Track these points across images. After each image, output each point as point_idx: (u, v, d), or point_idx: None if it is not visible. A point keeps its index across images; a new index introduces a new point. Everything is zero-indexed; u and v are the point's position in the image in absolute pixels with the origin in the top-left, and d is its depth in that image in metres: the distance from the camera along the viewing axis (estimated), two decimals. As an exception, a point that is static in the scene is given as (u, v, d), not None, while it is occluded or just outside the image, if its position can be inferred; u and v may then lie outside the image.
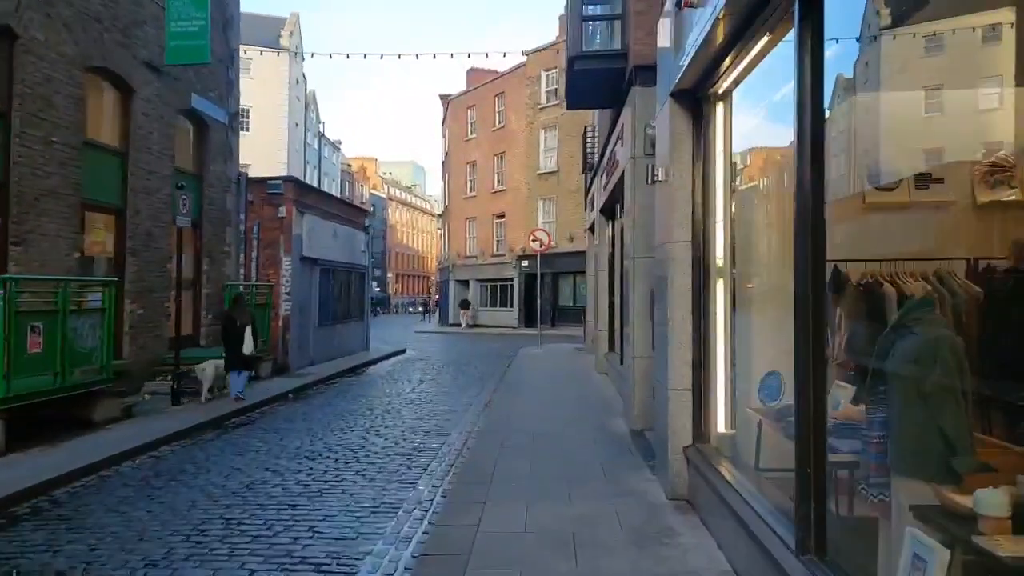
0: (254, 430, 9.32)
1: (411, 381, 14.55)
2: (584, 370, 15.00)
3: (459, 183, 39.45)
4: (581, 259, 30.73)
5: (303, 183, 15.77)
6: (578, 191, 30.74)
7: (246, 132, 39.30)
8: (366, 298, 20.97)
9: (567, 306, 32.80)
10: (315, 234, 16.18)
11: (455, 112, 39.95)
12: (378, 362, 18.77)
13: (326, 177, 60.33)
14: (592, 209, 16.43)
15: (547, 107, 33.24)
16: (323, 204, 17.10)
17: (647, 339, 8.29)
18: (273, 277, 15.04)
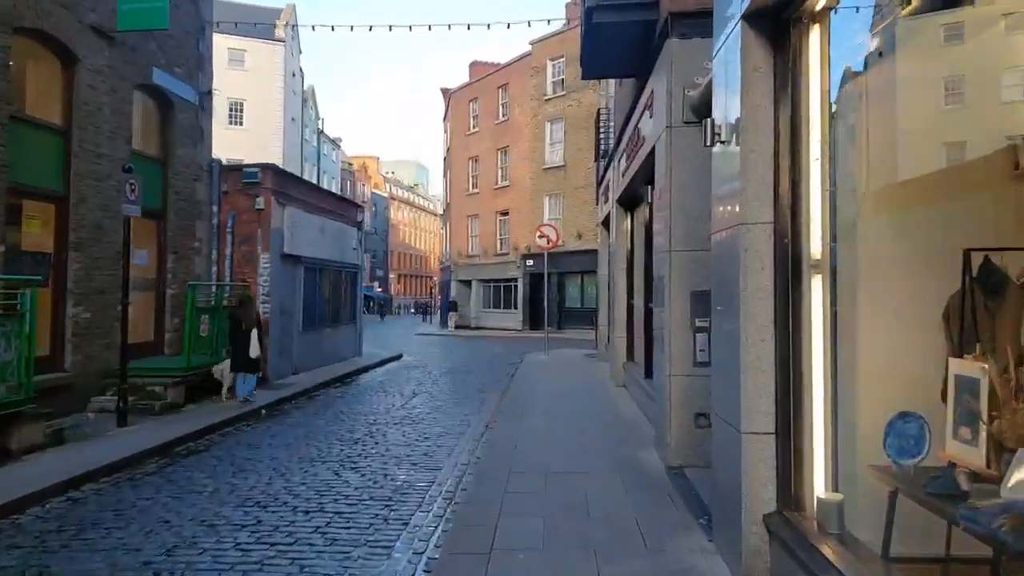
0: (206, 460, 7.71)
1: (403, 393, 12.93)
2: (599, 381, 13.36)
3: (461, 179, 37.86)
4: (590, 258, 29.13)
5: (284, 171, 14.20)
6: (586, 186, 29.14)
7: (240, 126, 37.89)
8: (358, 300, 19.36)
9: (574, 308, 31.17)
10: (299, 229, 14.58)
11: (457, 105, 38.37)
12: (370, 370, 17.16)
13: (325, 175, 58.82)
14: (606, 201, 14.80)
15: (553, 98, 31.62)
16: (309, 196, 15.50)
17: (687, 353, 6.67)
18: (250, 276, 13.44)
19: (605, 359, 16.41)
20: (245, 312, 10.82)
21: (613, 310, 13.01)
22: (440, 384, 14.25)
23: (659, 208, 7.24)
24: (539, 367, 16.17)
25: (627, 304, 12.34)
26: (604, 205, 15.40)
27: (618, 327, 12.46)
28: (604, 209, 15.43)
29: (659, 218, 7.28)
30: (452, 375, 15.82)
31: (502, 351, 22.57)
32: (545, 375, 14.48)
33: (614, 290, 12.83)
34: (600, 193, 16.47)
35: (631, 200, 12.01)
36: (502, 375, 15.51)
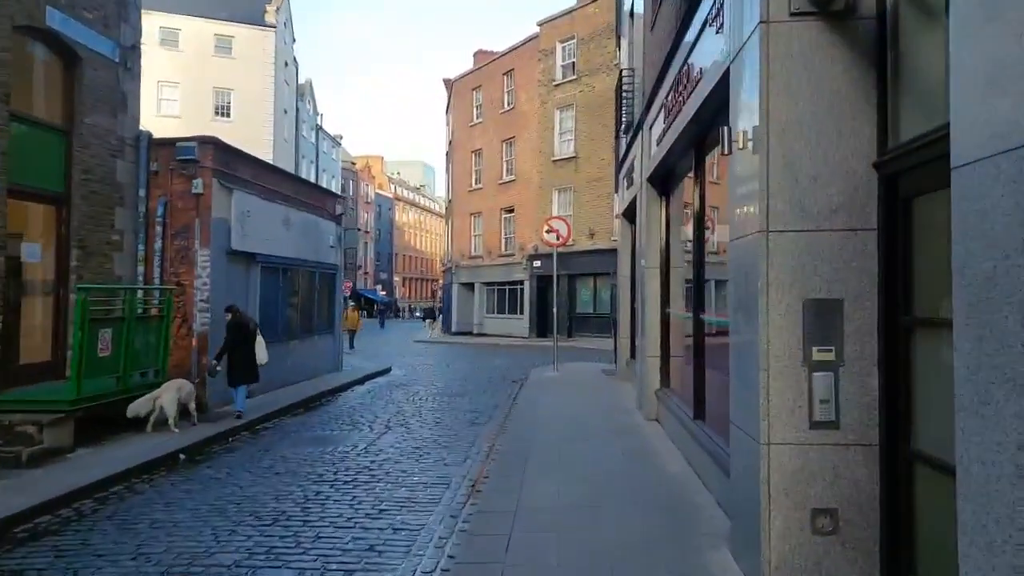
0: (37, 554, 5.01)
1: (375, 425, 10.20)
2: (622, 411, 10.58)
3: (463, 174, 35.17)
4: (604, 259, 26.35)
5: (231, 147, 11.50)
6: (600, 179, 26.41)
7: (227, 118, 35.39)
8: (337, 306, 16.66)
9: (586, 314, 28.36)
10: (253, 220, 11.91)
11: (459, 95, 35.70)
12: (347, 389, 14.46)
13: (325, 173, 56.38)
14: (630, 185, 12.04)
15: (563, 83, 28.87)
16: (267, 180, 12.80)
17: (797, 405, 3.93)
18: (186, 277, 10.77)
19: (627, 378, 13.64)
20: (245, 317, 10.30)
21: (641, 320, 10.27)
22: (424, 411, 11.51)
23: (738, 166, 4.49)
24: (547, 387, 13.40)
25: (661, 314, 9.58)
26: (627, 190, 12.64)
27: (649, 343, 9.69)
28: (627, 195, 12.66)
29: (738, 182, 4.52)
30: (442, 398, 13.08)
31: (505, 363, 19.81)
32: (554, 400, 11.72)
33: (643, 295, 10.10)
34: (622, 177, 13.70)
35: (668, 177, 9.25)
36: (502, 398, 12.77)
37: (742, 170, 4.39)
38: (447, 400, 12.69)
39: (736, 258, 4.54)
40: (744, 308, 4.30)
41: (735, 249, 4.56)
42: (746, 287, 4.25)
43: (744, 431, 4.24)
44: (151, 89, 32.12)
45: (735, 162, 4.56)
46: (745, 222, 4.31)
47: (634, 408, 10.58)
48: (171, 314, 10.05)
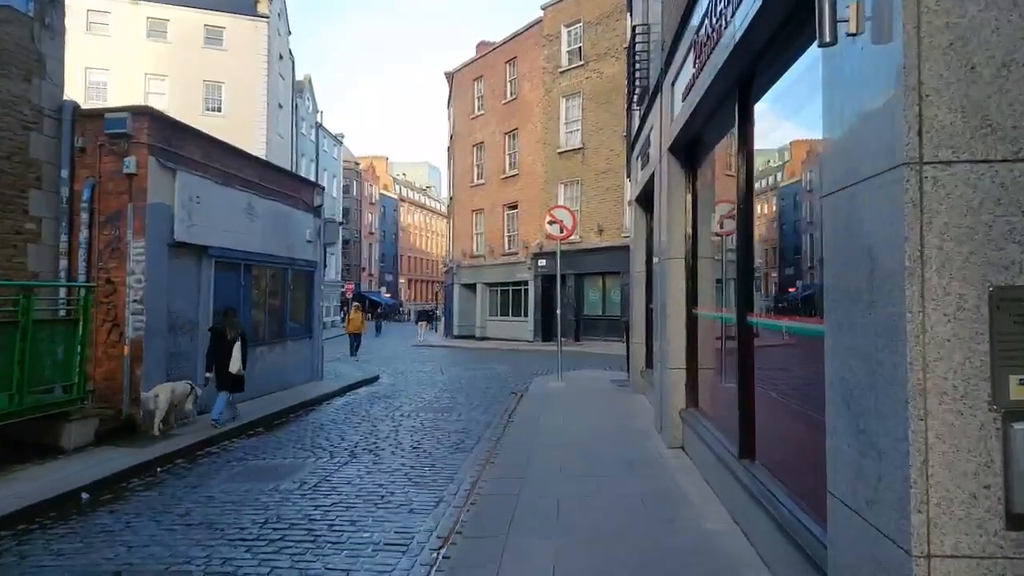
0: None
1: (337, 452, 8.43)
2: (639, 434, 8.77)
3: (464, 170, 33.41)
4: (613, 256, 24.51)
5: (173, 120, 9.78)
6: (609, 171, 24.63)
7: (217, 113, 33.74)
8: (315, 307, 14.92)
9: (595, 316, 26.51)
10: (205, 207, 10.19)
11: (460, 87, 33.97)
12: (323, 402, 12.73)
13: (325, 172, 54.81)
14: (645, 163, 10.24)
15: (569, 70, 27.06)
16: (225, 162, 11.07)
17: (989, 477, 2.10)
18: (117, 273, 9.06)
19: (641, 389, 11.83)
20: (230, 323, 9.80)
21: (660, 323, 8.44)
22: (403, 432, 9.73)
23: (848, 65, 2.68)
24: (549, 401, 11.60)
25: (686, 316, 7.76)
26: (642, 171, 10.83)
27: (671, 352, 7.86)
28: (641, 177, 10.85)
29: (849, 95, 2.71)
30: (426, 414, 11.30)
31: (505, 371, 18.02)
32: (557, 419, 9.91)
33: (662, 293, 8.29)
34: (635, 157, 11.90)
35: (695, 144, 7.46)
36: (496, 414, 10.99)
37: (858, 70, 2.58)
38: (432, 417, 10.90)
39: (842, 221, 2.73)
40: (863, 305, 2.49)
41: (839, 207, 2.75)
42: (869, 269, 2.44)
43: (870, 523, 2.43)
44: (139, 82, 30.63)
45: (838, 64, 2.75)
46: (864, 156, 2.50)
47: (652, 430, 8.76)
48: (89, 317, 8.32)
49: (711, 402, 7.07)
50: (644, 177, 10.49)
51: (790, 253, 4.98)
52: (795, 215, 4.96)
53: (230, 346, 9.65)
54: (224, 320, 9.92)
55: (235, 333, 9.76)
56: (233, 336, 9.72)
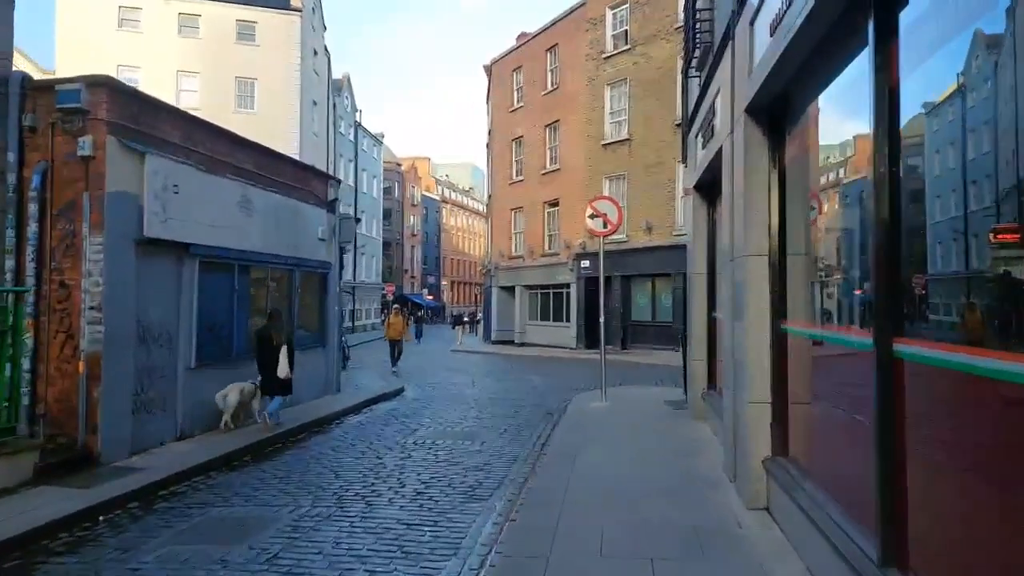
0: None
1: (323, 496, 6.75)
2: (704, 487, 6.86)
3: (503, 166, 31.71)
4: (663, 257, 22.45)
5: (139, 94, 8.28)
6: (658, 164, 22.60)
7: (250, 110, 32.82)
8: (329, 313, 13.38)
9: (643, 323, 24.42)
10: (186, 198, 8.70)
11: (499, 79, 32.30)
12: (332, 421, 11.16)
13: (365, 173, 54.08)
14: (708, 140, 8.30)
15: (614, 55, 25.07)
16: (211, 147, 9.54)
17: None
18: (72, 275, 7.61)
19: (702, 415, 9.88)
20: (275, 327, 9.87)
21: (734, 340, 6.46)
22: (409, 468, 8.00)
23: None
24: (591, 428, 9.74)
25: (771, 333, 5.82)
26: (702, 151, 8.89)
27: (751, 380, 5.91)
28: (702, 159, 8.90)
29: None
30: (444, 441, 9.58)
31: (543, 384, 16.20)
32: (598, 456, 8.06)
33: (735, 301, 6.35)
34: (693, 135, 9.95)
35: (785, 102, 5.54)
36: (525, 443, 9.21)
37: None
38: (450, 446, 9.17)
39: None
40: None
41: None
42: None
43: None
44: (170, 80, 29.93)
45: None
46: None
47: (722, 476, 6.84)
48: (21, 328, 6.86)
49: (812, 452, 5.14)
50: (706, 157, 8.56)
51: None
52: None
53: (276, 351, 9.65)
54: (269, 324, 9.91)
55: (281, 338, 9.76)
56: (279, 341, 9.71)
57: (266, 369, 9.71)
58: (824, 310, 5.12)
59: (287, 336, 9.94)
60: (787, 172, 5.80)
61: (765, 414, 5.87)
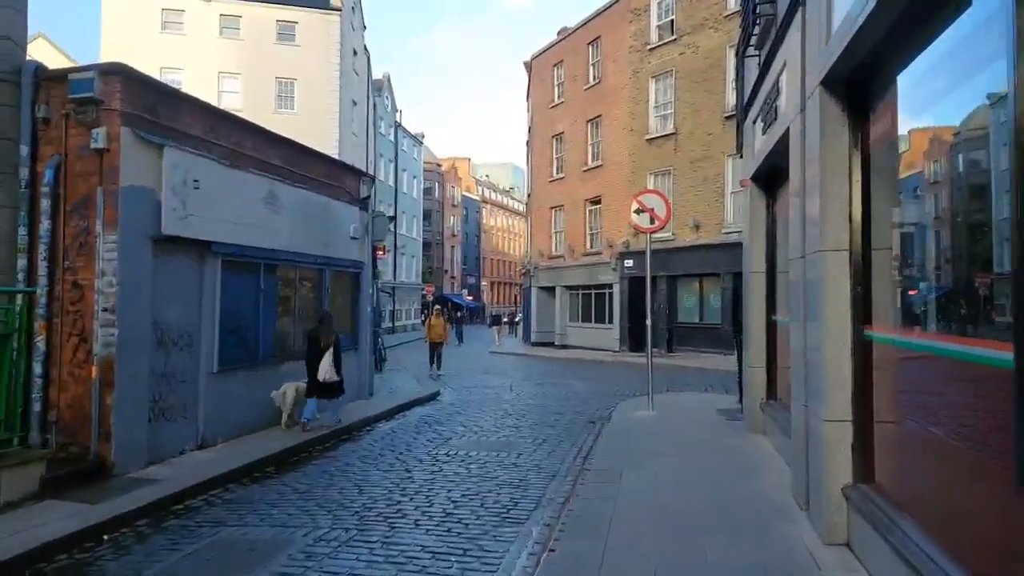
0: None
1: (344, 517, 6.16)
2: (773, 517, 6.05)
3: (543, 164, 31.00)
4: (712, 256, 21.40)
5: (157, 83, 7.86)
6: (706, 159, 21.62)
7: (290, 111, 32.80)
8: (361, 314, 12.89)
9: (690, 325, 23.41)
10: (208, 194, 8.26)
11: (539, 74, 31.60)
12: (363, 428, 10.65)
13: (405, 173, 54.03)
14: (769, 125, 7.46)
15: (659, 46, 24.12)
16: (236, 140, 9.09)
17: None
18: (85, 274, 7.22)
19: (761, 428, 9.01)
20: (325, 329, 9.91)
21: (805, 349, 5.62)
22: (439, 485, 7.36)
23: None
24: (637, 441, 8.97)
25: (852, 341, 4.98)
26: (762, 136, 8.03)
27: (828, 395, 5.08)
28: (761, 146, 8.04)
29: None
30: (479, 453, 8.93)
31: (585, 389, 15.44)
32: (647, 475, 7.30)
33: (805, 304, 5.52)
34: (750, 121, 9.07)
35: (873, 71, 4.70)
36: (565, 456, 8.50)
37: None
38: (484, 458, 8.52)
39: None
40: None
41: None
42: None
43: None
44: (212, 81, 30.11)
45: None
46: None
47: (789, 502, 6.01)
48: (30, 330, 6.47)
49: (905, 481, 4.32)
50: (767, 144, 7.71)
51: None
52: None
53: (320, 354, 9.65)
54: (318, 327, 9.99)
55: (330, 340, 9.78)
56: (327, 343, 9.72)
57: (312, 371, 9.72)
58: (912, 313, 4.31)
59: (335, 338, 9.89)
60: (872, 154, 4.97)
61: (845, 434, 5.04)
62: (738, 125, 10.88)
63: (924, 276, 4.24)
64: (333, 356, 9.74)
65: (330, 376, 9.72)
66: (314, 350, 9.72)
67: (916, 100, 4.35)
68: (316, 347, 9.70)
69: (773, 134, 7.35)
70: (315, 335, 9.85)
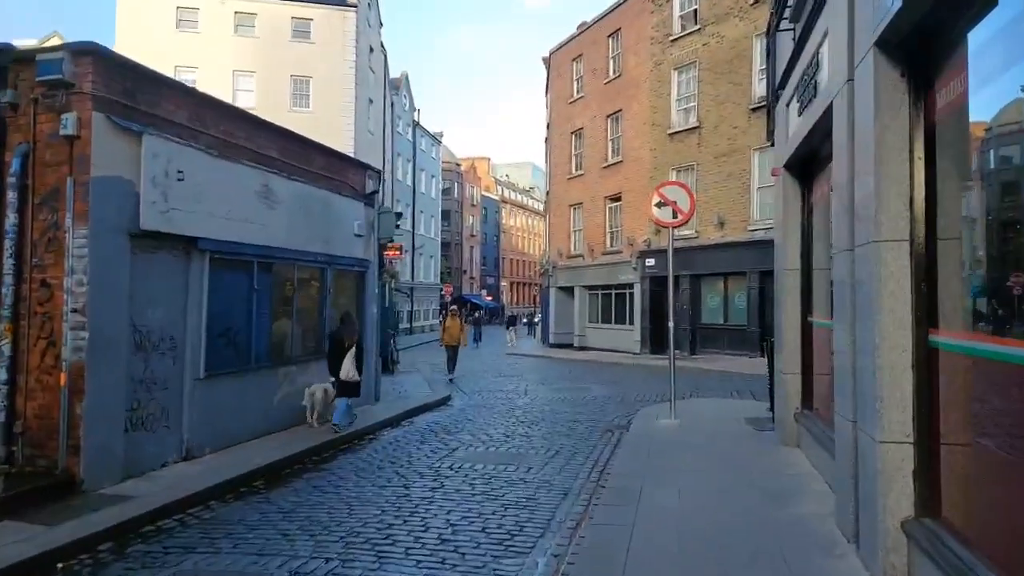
0: None
1: (327, 544, 5.48)
2: (815, 551, 5.27)
3: (562, 161, 30.22)
4: (737, 254, 20.47)
5: (134, 64, 7.24)
6: (731, 153, 20.76)
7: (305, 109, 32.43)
8: (367, 316, 12.26)
9: (714, 326, 22.49)
10: (194, 186, 7.67)
11: (558, 69, 30.82)
12: (365, 436, 10.01)
13: (423, 173, 53.58)
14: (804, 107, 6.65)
15: (682, 37, 23.23)
16: (223, 129, 8.46)
17: None
18: (55, 273, 6.65)
19: (793, 441, 8.20)
20: (347, 330, 9.92)
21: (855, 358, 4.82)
22: (438, 500, 6.69)
23: None
24: (658, 456, 8.21)
25: (914, 350, 4.20)
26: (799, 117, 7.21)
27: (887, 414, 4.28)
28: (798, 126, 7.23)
29: None
30: (484, 465, 8.23)
31: (603, 394, 14.67)
32: (670, 499, 6.55)
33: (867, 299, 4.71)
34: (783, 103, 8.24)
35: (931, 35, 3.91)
36: (579, 471, 7.77)
37: None
38: (490, 472, 7.81)
39: None
40: None
41: None
42: None
43: None
44: (227, 79, 29.79)
45: None
46: None
47: (835, 534, 5.22)
48: (-16, 335, 5.91)
49: (983, 517, 3.53)
50: (804, 125, 6.92)
51: None
52: None
53: (345, 352, 9.67)
54: (341, 327, 10.01)
55: (352, 340, 9.81)
56: (350, 343, 9.74)
57: (336, 371, 9.78)
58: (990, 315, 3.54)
59: (358, 338, 9.96)
60: (938, 127, 4.19)
61: (905, 459, 4.26)
62: (768, 111, 10.06)
63: (1004, 271, 3.46)
64: (356, 355, 9.77)
65: (352, 375, 9.73)
66: (337, 350, 9.76)
67: (990, 61, 3.57)
68: (339, 347, 9.75)
69: (811, 114, 6.55)
70: (338, 335, 9.92)
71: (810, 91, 6.62)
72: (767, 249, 18.83)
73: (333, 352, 9.84)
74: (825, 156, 7.14)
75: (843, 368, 5.25)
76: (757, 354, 20.13)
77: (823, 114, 6.01)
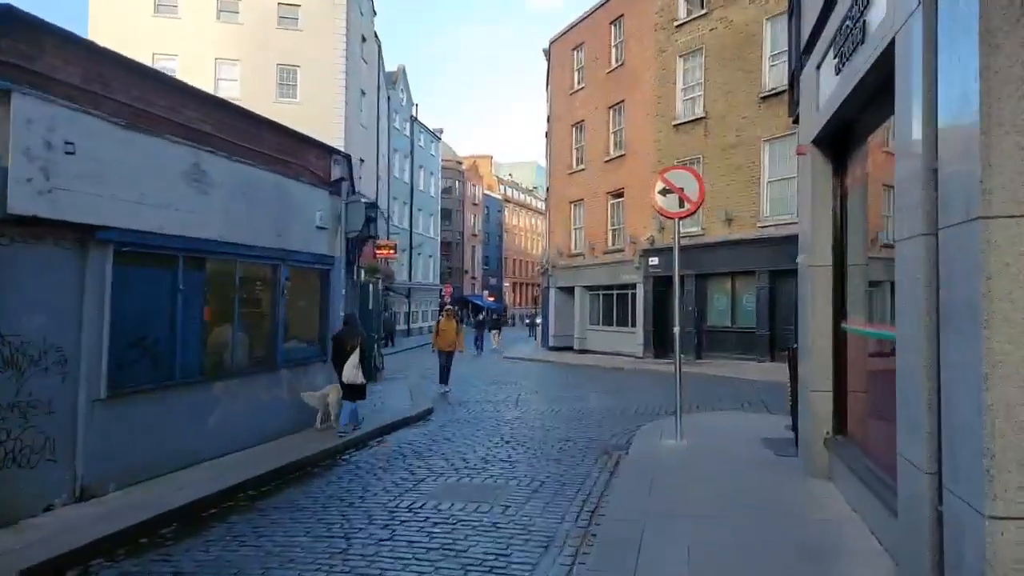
0: None
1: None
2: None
3: (563, 154, 28.76)
4: (746, 252, 18.95)
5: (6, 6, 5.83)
6: (740, 145, 19.34)
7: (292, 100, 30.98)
8: (331, 319, 10.82)
9: (721, 329, 20.99)
10: (91, 161, 6.26)
11: (558, 59, 29.36)
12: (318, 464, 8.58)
13: (422, 170, 52.20)
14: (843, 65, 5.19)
15: (687, 22, 21.75)
16: (135, 94, 7.05)
17: None
18: None
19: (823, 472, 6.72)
20: (350, 332, 9.81)
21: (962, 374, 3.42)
22: (377, 563, 5.25)
23: None
24: (661, 490, 6.74)
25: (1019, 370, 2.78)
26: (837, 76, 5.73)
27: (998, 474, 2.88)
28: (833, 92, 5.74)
29: None
30: (450, 503, 6.80)
31: (601, 406, 13.19)
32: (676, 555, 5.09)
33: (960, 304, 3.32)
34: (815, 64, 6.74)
35: None
36: (566, 509, 6.31)
37: None
38: (458, 514, 6.35)
39: None
40: None
41: None
42: None
43: None
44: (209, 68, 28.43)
45: None
46: None
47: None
48: None
49: None
50: (844, 87, 5.47)
51: None
52: None
53: (346, 357, 9.57)
54: (344, 329, 9.97)
55: (355, 342, 9.69)
56: (353, 346, 9.63)
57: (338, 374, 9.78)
58: None
59: (361, 340, 9.84)
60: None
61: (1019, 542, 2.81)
62: (791, 83, 8.61)
63: None
64: (360, 359, 9.67)
65: (355, 378, 9.63)
66: (340, 353, 9.70)
67: None
68: (342, 350, 9.68)
69: (856, 67, 5.10)
70: (340, 338, 9.88)
71: (855, 37, 5.16)
72: (778, 247, 17.47)
73: (336, 355, 9.78)
74: (868, 123, 5.70)
75: (910, 395, 3.79)
76: (766, 358, 18.71)
77: (876, 61, 4.57)
